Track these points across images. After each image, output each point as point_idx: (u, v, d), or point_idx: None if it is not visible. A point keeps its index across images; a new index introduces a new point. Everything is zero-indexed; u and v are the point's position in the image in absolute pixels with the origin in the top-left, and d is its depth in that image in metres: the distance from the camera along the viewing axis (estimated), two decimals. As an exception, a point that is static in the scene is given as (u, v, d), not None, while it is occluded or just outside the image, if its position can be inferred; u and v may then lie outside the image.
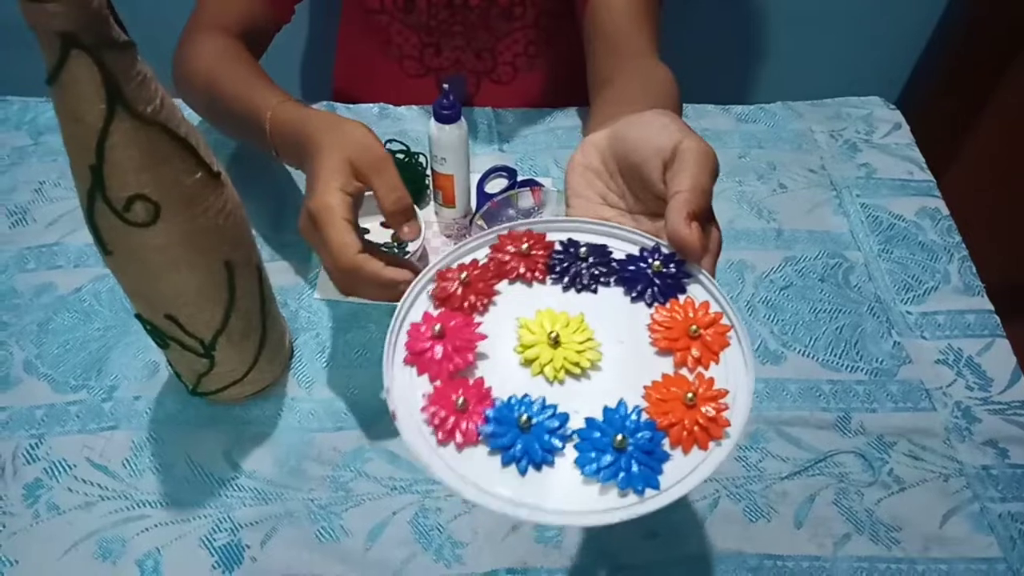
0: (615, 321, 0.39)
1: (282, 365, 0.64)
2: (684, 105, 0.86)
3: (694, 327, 0.38)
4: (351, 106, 0.86)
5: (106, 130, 0.42)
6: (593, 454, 0.34)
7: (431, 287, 0.40)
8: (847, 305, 0.70)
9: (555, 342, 0.37)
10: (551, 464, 0.34)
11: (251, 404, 0.62)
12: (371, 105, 0.86)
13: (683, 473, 0.34)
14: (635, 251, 0.42)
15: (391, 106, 0.86)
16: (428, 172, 0.74)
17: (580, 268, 0.41)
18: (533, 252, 0.42)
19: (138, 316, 0.55)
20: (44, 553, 0.55)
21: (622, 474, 0.33)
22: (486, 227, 0.69)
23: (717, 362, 0.37)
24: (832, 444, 0.61)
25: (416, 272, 0.43)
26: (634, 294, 0.40)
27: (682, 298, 0.40)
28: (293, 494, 0.58)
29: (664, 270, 0.40)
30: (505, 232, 0.43)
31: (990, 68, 1.25)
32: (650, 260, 0.41)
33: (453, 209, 0.73)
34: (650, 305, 0.39)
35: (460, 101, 0.65)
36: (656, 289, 0.40)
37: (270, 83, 0.65)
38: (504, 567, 0.55)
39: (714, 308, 0.39)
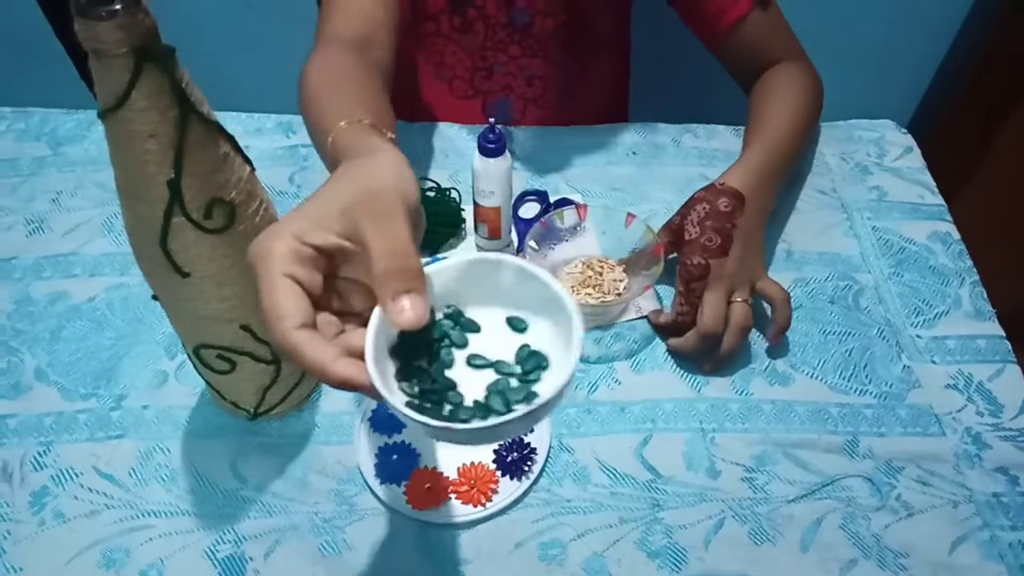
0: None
1: None
2: (696, 126, 0.86)
3: None
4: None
5: (183, 138, 0.42)
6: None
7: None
8: (857, 328, 0.70)
9: None
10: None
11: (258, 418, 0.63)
12: (413, 123, 0.86)
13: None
14: None
15: (437, 123, 0.86)
16: (462, 207, 0.75)
17: None
18: None
19: (197, 350, 0.54)
20: (48, 561, 0.55)
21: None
22: (538, 248, 0.69)
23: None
24: (840, 468, 0.61)
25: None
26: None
27: None
28: (297, 507, 0.58)
29: None
30: None
31: (1003, 93, 1.25)
32: None
33: (499, 241, 0.73)
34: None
35: (505, 121, 0.64)
36: None
37: (352, 100, 0.55)
38: (506, 585, 0.54)
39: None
